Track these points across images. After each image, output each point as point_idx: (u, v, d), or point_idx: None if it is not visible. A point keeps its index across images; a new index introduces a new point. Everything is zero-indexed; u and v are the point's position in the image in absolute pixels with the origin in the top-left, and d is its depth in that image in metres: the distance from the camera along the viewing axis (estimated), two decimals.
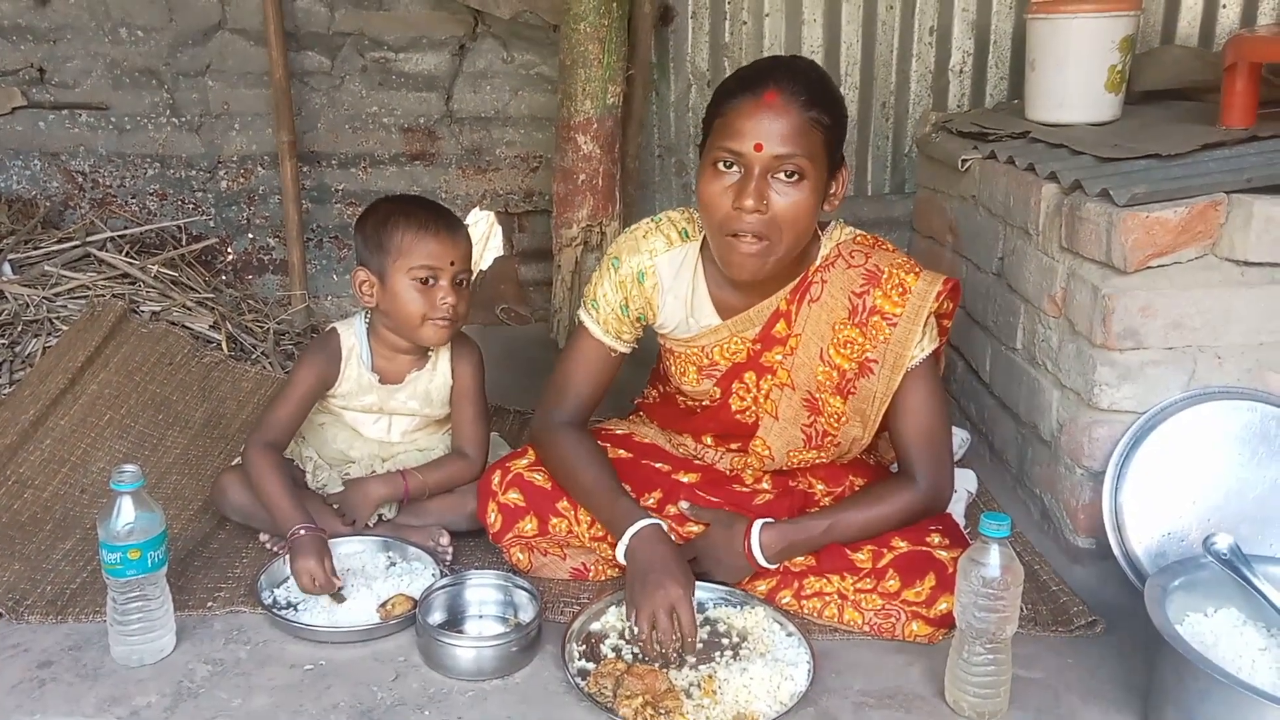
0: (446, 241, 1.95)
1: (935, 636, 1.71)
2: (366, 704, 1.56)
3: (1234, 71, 2.10)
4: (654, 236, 1.87)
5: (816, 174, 1.68)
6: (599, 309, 1.89)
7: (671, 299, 1.87)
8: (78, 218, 3.23)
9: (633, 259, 1.86)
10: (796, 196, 1.66)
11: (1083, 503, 1.94)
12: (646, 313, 1.89)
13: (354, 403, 2.06)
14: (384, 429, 2.10)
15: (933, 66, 3.24)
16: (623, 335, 1.90)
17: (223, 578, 1.89)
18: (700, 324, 1.88)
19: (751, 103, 1.65)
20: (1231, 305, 1.82)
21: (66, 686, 1.60)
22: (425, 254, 1.93)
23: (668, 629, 1.61)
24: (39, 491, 2.15)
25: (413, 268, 1.93)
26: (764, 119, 1.64)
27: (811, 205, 1.69)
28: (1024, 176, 2.19)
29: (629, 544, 1.71)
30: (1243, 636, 1.56)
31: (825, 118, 1.67)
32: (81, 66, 3.16)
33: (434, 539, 1.96)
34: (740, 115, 1.65)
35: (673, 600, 1.62)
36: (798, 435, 1.89)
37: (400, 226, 1.95)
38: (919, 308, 1.77)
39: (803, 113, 1.64)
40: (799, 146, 1.64)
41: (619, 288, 1.87)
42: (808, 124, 1.65)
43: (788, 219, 1.68)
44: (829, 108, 1.69)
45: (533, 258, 3.43)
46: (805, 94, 1.65)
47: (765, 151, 1.64)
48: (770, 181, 1.66)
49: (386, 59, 3.21)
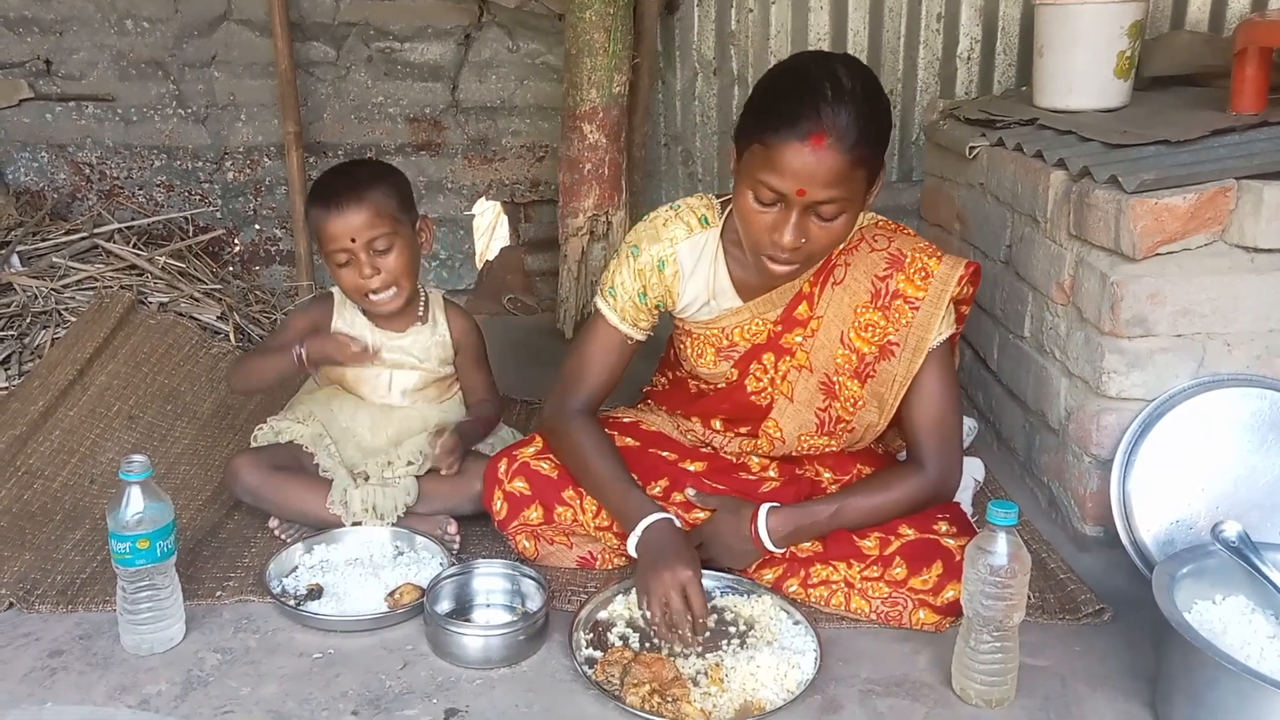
0: (339, 220, 1.97)
1: (942, 625, 1.71)
2: (375, 692, 1.57)
3: (1244, 56, 2.09)
4: (674, 224, 1.86)
5: (858, 199, 1.66)
6: (616, 296, 1.88)
7: (693, 285, 1.87)
8: (85, 209, 3.24)
9: (653, 247, 1.85)
10: (836, 227, 1.66)
11: (1090, 490, 1.93)
12: (665, 300, 1.89)
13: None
14: (385, 386, 2.11)
15: (940, 53, 3.22)
16: (639, 323, 1.90)
17: (231, 567, 1.90)
18: (722, 306, 1.88)
19: (797, 144, 1.56)
20: (1241, 292, 1.81)
21: (77, 675, 1.61)
22: (328, 238, 1.99)
23: (680, 609, 1.61)
24: (49, 482, 2.16)
25: (328, 252, 2.01)
26: (809, 163, 1.57)
27: (850, 226, 1.69)
28: (1032, 163, 2.18)
29: (640, 536, 1.72)
30: (1251, 624, 1.55)
31: (870, 151, 1.61)
32: (87, 58, 3.16)
33: (441, 528, 1.97)
34: (784, 154, 1.58)
35: (682, 581, 1.63)
36: (811, 419, 1.89)
37: (310, 209, 2.03)
38: (941, 292, 1.78)
39: (850, 155, 1.57)
40: (843, 190, 1.60)
41: (637, 275, 1.86)
42: (854, 164, 1.59)
43: (824, 246, 1.69)
44: (877, 136, 1.62)
45: (539, 248, 3.43)
46: (854, 134, 1.57)
47: (808, 196, 1.60)
48: (810, 216, 1.64)
49: (392, 49, 3.21)
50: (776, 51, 3.24)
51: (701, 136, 3.35)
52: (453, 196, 3.38)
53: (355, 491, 1.96)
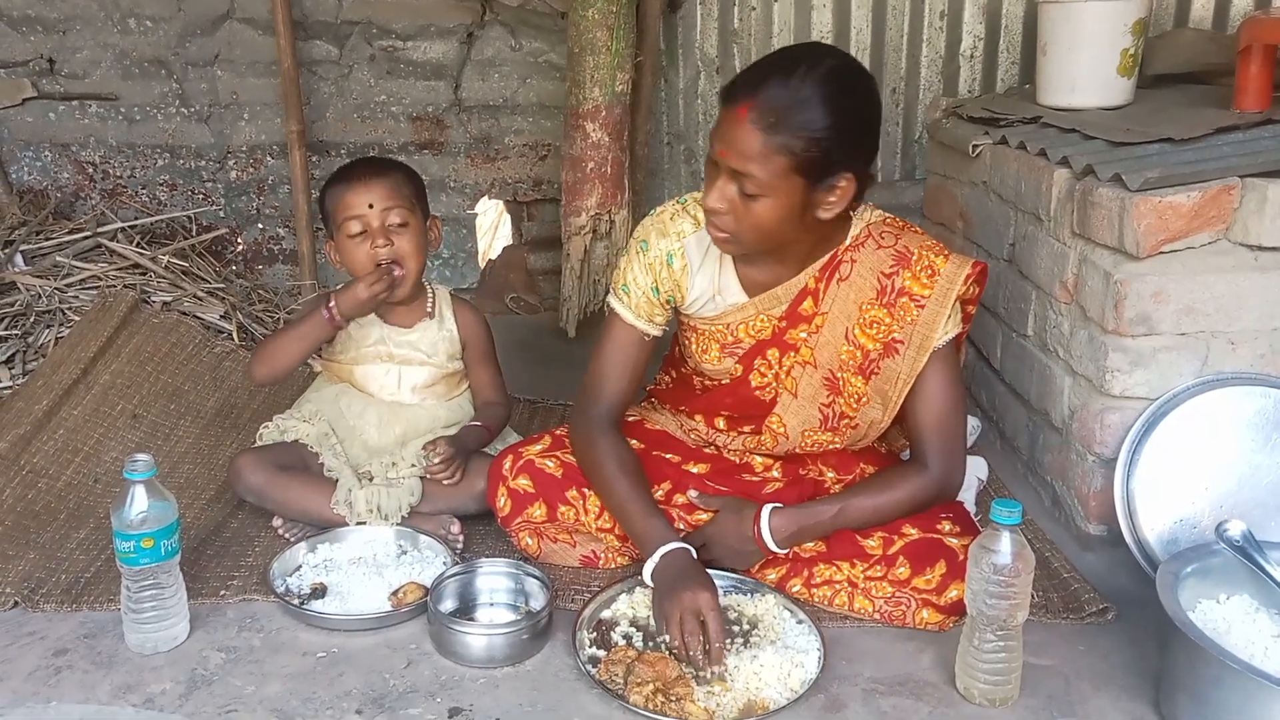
0: (360, 190, 2.01)
1: (946, 624, 1.71)
2: (379, 691, 1.57)
3: (1248, 54, 2.08)
4: (681, 218, 1.86)
5: (785, 192, 1.63)
6: (630, 293, 1.87)
7: (700, 279, 1.86)
8: (88, 208, 3.25)
9: (661, 241, 1.85)
10: (757, 210, 1.66)
11: (1094, 489, 1.93)
12: (675, 294, 1.88)
13: (363, 346, 2.10)
14: (394, 383, 2.12)
15: (943, 51, 3.22)
16: (655, 318, 1.89)
17: (235, 566, 1.90)
18: (727, 302, 1.88)
19: (729, 109, 1.63)
20: (1245, 290, 1.81)
21: (82, 674, 1.62)
22: (345, 206, 2.02)
23: (695, 630, 1.59)
24: (53, 481, 2.16)
25: (341, 224, 2.03)
26: (731, 130, 1.62)
27: (776, 219, 1.67)
28: (1035, 162, 2.18)
29: (658, 564, 1.71)
30: (1255, 623, 1.55)
31: (799, 143, 1.58)
32: (91, 57, 3.16)
33: (445, 527, 1.97)
34: (722, 115, 1.65)
35: (700, 604, 1.61)
36: (815, 415, 1.88)
37: (328, 191, 2.06)
38: (947, 290, 1.77)
39: (768, 137, 1.58)
40: (757, 169, 1.61)
41: (648, 270, 1.86)
42: (771, 150, 1.59)
43: (745, 225, 1.68)
44: (814, 132, 1.58)
45: (542, 246, 3.43)
46: (776, 119, 1.57)
47: (727, 160, 1.64)
48: (733, 187, 1.65)
49: (394, 47, 3.21)
50: None
51: (704, 135, 3.34)
52: (455, 195, 3.38)
53: (360, 492, 1.96)
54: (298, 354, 2.05)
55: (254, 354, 2.09)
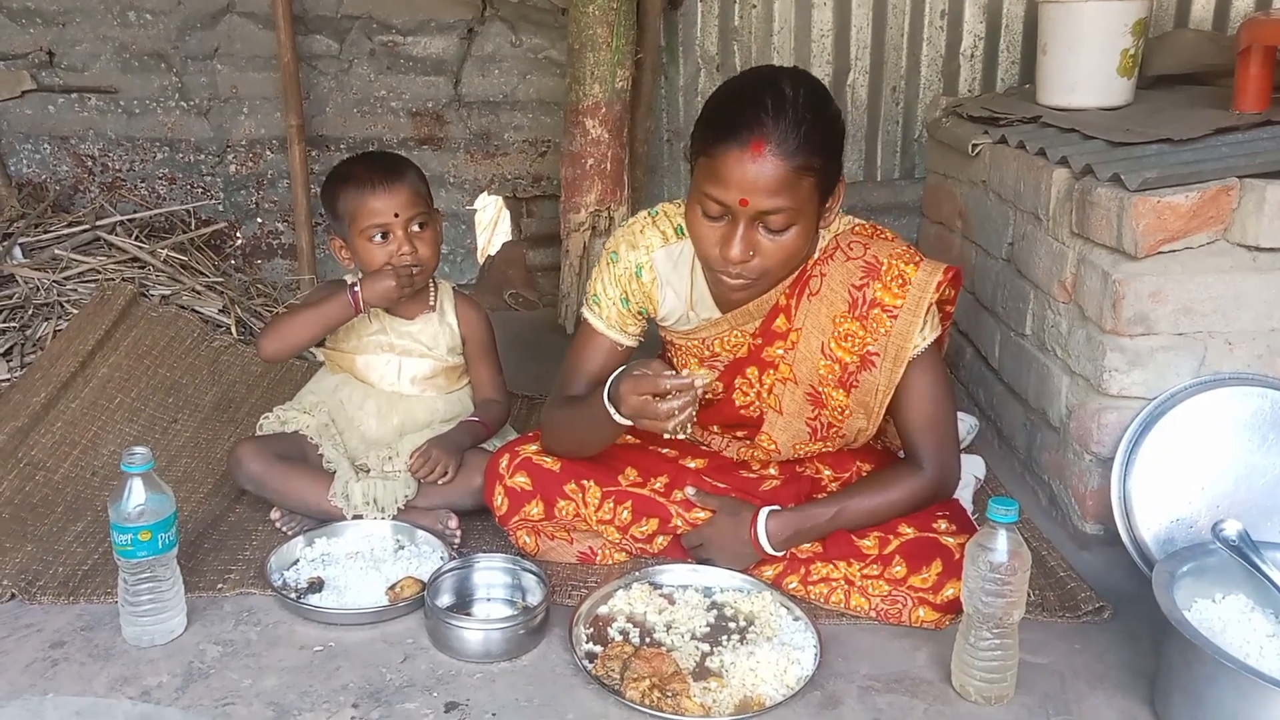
0: (384, 195, 2.02)
1: (942, 622, 1.71)
2: (375, 685, 1.57)
3: (1248, 55, 2.09)
4: (650, 232, 1.85)
5: (809, 212, 1.64)
6: (600, 304, 1.88)
7: (671, 292, 1.86)
8: (87, 202, 3.24)
9: (631, 254, 1.85)
10: (787, 241, 1.64)
11: (1091, 489, 1.93)
12: (647, 306, 1.88)
13: (364, 335, 2.11)
14: (394, 373, 2.12)
15: (943, 50, 3.22)
16: (627, 328, 1.89)
17: (233, 560, 1.91)
18: (700, 316, 1.87)
19: (737, 153, 1.57)
20: (1243, 291, 1.81)
21: (78, 666, 1.62)
22: (369, 213, 2.02)
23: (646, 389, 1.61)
24: (50, 474, 2.16)
25: (363, 229, 2.03)
26: (750, 171, 1.56)
27: (803, 242, 1.67)
28: (1034, 161, 2.18)
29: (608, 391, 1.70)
30: (1251, 623, 1.55)
31: (817, 159, 1.59)
32: (90, 50, 3.16)
33: (442, 522, 1.97)
34: (726, 164, 1.58)
35: (637, 381, 1.63)
36: (803, 429, 1.88)
37: (343, 192, 2.05)
38: (919, 299, 1.75)
39: (791, 162, 1.56)
40: (788, 199, 1.59)
41: (617, 281, 1.86)
42: (797, 173, 1.57)
43: (777, 260, 1.66)
44: (822, 145, 1.60)
45: (541, 243, 3.43)
46: (794, 140, 1.56)
47: (751, 206, 1.59)
48: (758, 228, 1.63)
49: (395, 42, 3.21)
50: (779, 47, 3.23)
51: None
52: (455, 191, 3.38)
53: (356, 485, 1.96)
54: (313, 333, 2.07)
55: (266, 329, 2.10)
